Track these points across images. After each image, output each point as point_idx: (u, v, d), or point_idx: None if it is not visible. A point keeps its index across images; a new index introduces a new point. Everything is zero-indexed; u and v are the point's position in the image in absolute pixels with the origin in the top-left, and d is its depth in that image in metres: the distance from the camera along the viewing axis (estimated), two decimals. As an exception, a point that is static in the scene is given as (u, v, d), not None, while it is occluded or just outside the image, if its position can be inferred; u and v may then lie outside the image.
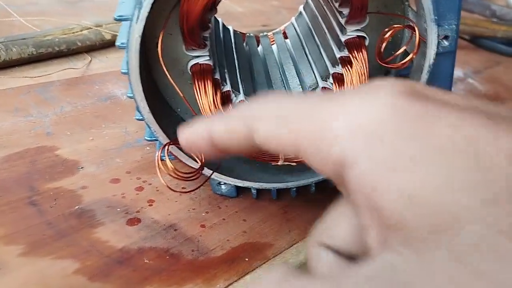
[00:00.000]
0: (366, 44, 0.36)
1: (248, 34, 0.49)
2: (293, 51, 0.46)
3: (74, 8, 0.76)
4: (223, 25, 0.46)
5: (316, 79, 0.40)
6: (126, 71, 0.31)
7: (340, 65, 0.37)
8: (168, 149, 0.33)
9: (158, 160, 0.31)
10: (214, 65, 0.36)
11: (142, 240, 0.33)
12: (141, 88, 0.32)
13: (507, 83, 0.70)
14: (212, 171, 0.35)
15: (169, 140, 0.33)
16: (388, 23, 0.36)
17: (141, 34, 0.30)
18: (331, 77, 0.38)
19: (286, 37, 0.50)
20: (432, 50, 0.33)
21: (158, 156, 0.31)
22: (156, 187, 0.39)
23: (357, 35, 0.36)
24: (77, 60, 0.59)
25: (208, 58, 0.34)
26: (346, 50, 0.36)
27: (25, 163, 0.40)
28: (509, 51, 0.76)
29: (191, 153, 0.22)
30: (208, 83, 0.35)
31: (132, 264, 0.31)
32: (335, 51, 0.37)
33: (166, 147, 0.32)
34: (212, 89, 0.35)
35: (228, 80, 0.37)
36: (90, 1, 0.80)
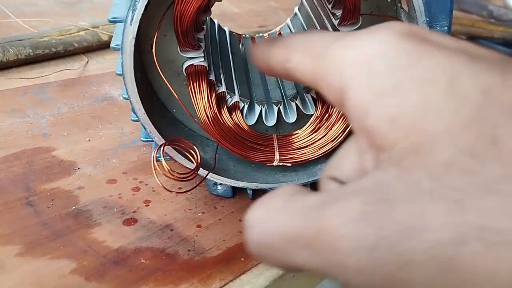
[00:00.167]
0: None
1: (244, 35, 0.50)
2: (288, 52, 0.46)
3: (71, 9, 0.76)
4: (219, 26, 0.46)
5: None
6: (121, 72, 0.31)
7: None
8: (163, 150, 0.33)
9: (154, 161, 0.32)
10: (209, 66, 0.36)
11: (139, 240, 0.34)
12: (136, 90, 0.32)
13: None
14: (207, 172, 0.35)
15: (164, 141, 0.34)
16: (382, 24, 0.37)
17: (135, 36, 0.30)
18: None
19: (281, 38, 0.50)
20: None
21: (153, 157, 0.32)
22: (152, 188, 0.39)
23: (351, 36, 0.36)
24: (74, 61, 0.60)
25: (203, 59, 0.35)
26: (340, 51, 0.36)
27: (22, 164, 0.40)
28: (507, 52, 0.76)
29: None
30: (203, 84, 0.35)
31: (128, 264, 0.31)
32: (330, 52, 0.37)
33: (162, 147, 0.33)
34: (207, 90, 0.35)
35: (223, 81, 0.37)
36: (87, 2, 0.80)
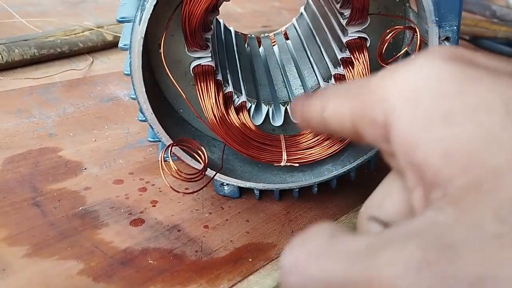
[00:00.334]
0: (368, 45, 0.36)
1: (249, 35, 0.49)
2: (294, 52, 0.46)
3: (76, 9, 0.76)
4: (225, 26, 0.46)
5: (318, 80, 0.40)
6: (129, 72, 0.31)
7: (341, 66, 0.37)
8: (171, 150, 0.33)
9: (161, 161, 0.31)
10: (216, 66, 0.36)
11: (146, 240, 0.33)
12: (144, 90, 0.32)
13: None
14: (215, 172, 0.35)
15: (172, 141, 0.33)
16: (389, 24, 0.36)
17: (143, 36, 0.30)
18: (332, 78, 0.38)
19: (287, 38, 0.50)
20: (433, 51, 0.33)
21: (161, 157, 0.32)
22: (159, 188, 0.39)
23: (359, 36, 0.36)
24: (79, 61, 0.60)
25: (210, 59, 0.35)
26: (348, 51, 0.36)
27: (28, 164, 0.40)
28: (510, 52, 0.76)
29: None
30: (210, 84, 0.35)
31: (136, 264, 0.31)
32: (337, 52, 0.37)
33: (170, 148, 0.33)
34: (214, 90, 0.35)
35: (230, 81, 0.37)
36: (91, 2, 0.80)
